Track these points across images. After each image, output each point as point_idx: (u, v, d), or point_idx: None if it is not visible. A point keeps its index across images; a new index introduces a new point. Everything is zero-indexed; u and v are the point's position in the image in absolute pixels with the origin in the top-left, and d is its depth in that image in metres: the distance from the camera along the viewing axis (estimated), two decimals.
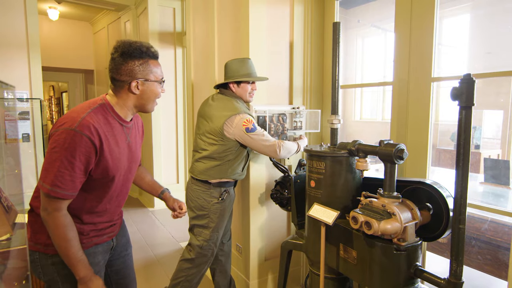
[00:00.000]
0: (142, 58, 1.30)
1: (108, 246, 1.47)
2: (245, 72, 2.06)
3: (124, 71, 1.29)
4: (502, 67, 2.02)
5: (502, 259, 2.87)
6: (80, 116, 1.21)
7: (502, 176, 3.51)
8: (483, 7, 4.48)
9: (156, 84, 1.36)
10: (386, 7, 4.51)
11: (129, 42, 1.29)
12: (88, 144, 1.20)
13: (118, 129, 1.34)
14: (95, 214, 1.37)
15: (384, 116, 6.09)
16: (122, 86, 1.31)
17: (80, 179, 1.23)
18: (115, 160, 1.32)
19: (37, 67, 3.75)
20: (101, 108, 1.29)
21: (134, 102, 1.35)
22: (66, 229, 1.22)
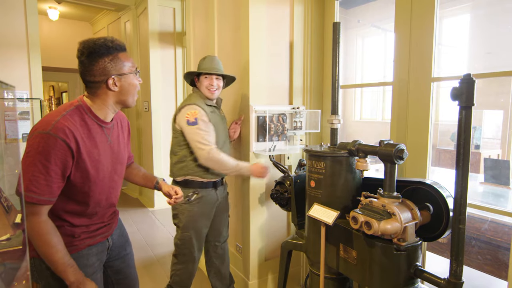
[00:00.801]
0: (111, 53, 1.26)
1: (103, 246, 1.44)
2: (203, 67, 2.09)
3: (96, 72, 1.25)
4: (502, 67, 2.03)
5: (502, 259, 2.87)
6: (54, 119, 1.17)
7: (502, 176, 3.51)
8: (483, 7, 4.48)
9: (132, 76, 1.32)
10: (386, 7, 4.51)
11: (92, 41, 1.25)
12: (64, 147, 1.16)
13: (96, 131, 1.30)
14: (85, 217, 1.34)
15: (384, 116, 6.09)
16: (98, 87, 1.27)
17: (58, 183, 1.18)
18: (95, 163, 1.28)
19: (37, 67, 3.75)
20: (77, 110, 1.26)
21: (115, 99, 1.31)
22: (48, 236, 1.18)
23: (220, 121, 2.15)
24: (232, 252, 2.76)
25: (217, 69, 2.10)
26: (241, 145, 2.50)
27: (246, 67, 2.35)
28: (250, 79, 2.32)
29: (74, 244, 1.30)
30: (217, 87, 2.09)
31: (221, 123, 2.16)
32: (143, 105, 5.08)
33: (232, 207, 2.78)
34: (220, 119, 2.17)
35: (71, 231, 1.30)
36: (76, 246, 1.31)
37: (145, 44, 4.78)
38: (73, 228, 1.31)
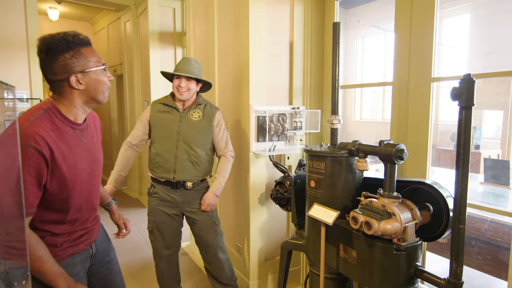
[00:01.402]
0: (72, 48, 1.16)
1: (87, 254, 1.39)
2: (175, 68, 2.14)
3: (57, 69, 1.15)
4: (502, 67, 2.03)
5: (502, 259, 2.87)
6: (23, 125, 1.08)
7: (502, 176, 3.51)
8: (483, 7, 4.48)
9: (99, 72, 1.22)
10: (386, 7, 4.51)
11: (50, 36, 1.15)
12: (36, 155, 1.08)
13: (69, 134, 1.21)
14: (67, 225, 1.27)
15: (384, 116, 6.10)
16: (61, 86, 1.18)
17: (35, 194, 1.11)
18: (71, 168, 1.20)
19: (37, 67, 3.74)
20: (47, 114, 1.16)
21: (82, 98, 1.21)
22: (34, 248, 1.13)
23: (170, 121, 2.13)
24: (232, 252, 2.76)
25: (186, 70, 2.09)
26: (241, 145, 2.50)
27: (246, 67, 2.35)
28: (250, 79, 2.32)
29: (57, 254, 1.24)
30: (186, 88, 2.09)
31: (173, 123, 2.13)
32: (143, 105, 5.08)
33: (232, 207, 2.78)
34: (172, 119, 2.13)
35: (53, 241, 1.23)
36: (59, 256, 1.25)
37: (145, 44, 4.78)
38: (55, 238, 1.24)
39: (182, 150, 2.11)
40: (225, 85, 2.72)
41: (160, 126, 2.16)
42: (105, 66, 1.26)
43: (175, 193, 2.16)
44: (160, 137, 2.15)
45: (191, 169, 2.13)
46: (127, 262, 3.19)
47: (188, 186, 2.15)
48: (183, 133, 2.12)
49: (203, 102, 2.21)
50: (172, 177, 2.13)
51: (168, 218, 2.19)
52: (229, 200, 2.80)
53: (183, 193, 2.16)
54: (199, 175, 2.16)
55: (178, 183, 2.15)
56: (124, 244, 3.55)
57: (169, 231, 2.21)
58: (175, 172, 2.12)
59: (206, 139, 2.17)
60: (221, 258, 2.26)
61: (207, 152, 2.18)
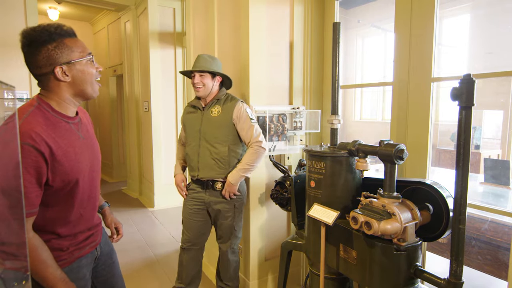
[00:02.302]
0: (54, 39, 1.12)
1: (92, 257, 1.38)
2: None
3: (40, 62, 1.12)
4: (502, 67, 2.03)
5: (502, 259, 2.87)
6: None
7: (502, 176, 3.51)
8: (483, 7, 4.48)
9: (85, 63, 1.18)
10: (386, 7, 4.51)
11: (31, 28, 1.12)
12: (33, 153, 1.05)
13: (65, 128, 1.18)
14: (71, 224, 1.25)
15: (384, 116, 6.10)
16: (48, 79, 1.15)
17: (35, 193, 1.08)
18: (73, 162, 1.17)
19: None
20: (38, 110, 1.13)
21: (70, 91, 1.18)
22: (37, 251, 1.11)
23: (195, 120, 2.19)
24: None
25: (197, 66, 2.09)
26: None
27: (246, 67, 2.35)
28: (250, 79, 2.32)
29: (63, 258, 1.23)
30: (201, 84, 2.09)
31: (196, 122, 2.17)
32: (143, 105, 5.08)
33: None
34: (196, 118, 2.18)
35: (59, 244, 1.22)
36: (65, 260, 1.24)
37: (145, 44, 4.79)
38: (60, 241, 1.23)
39: (204, 148, 2.14)
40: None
41: (188, 127, 2.24)
42: (91, 56, 1.21)
43: (204, 192, 2.19)
44: (188, 137, 2.22)
45: (213, 166, 2.13)
46: (128, 263, 3.19)
47: (218, 187, 2.16)
48: (203, 131, 2.14)
49: (223, 96, 2.18)
50: (197, 175, 2.17)
51: (194, 214, 2.25)
52: None
53: (212, 193, 2.19)
54: (223, 172, 2.13)
55: (208, 183, 2.17)
56: (125, 244, 3.56)
57: (195, 226, 2.27)
58: (199, 170, 2.16)
59: (227, 134, 2.12)
60: (230, 258, 2.30)
61: (230, 147, 2.13)
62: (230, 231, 2.24)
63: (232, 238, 2.27)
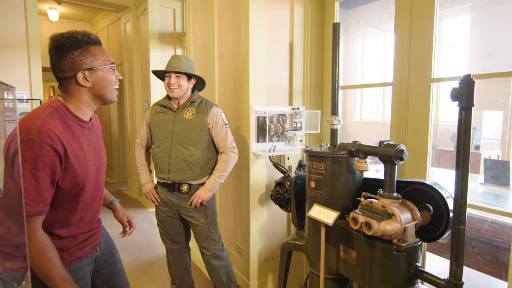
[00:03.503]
0: (80, 46, 1.18)
1: (92, 257, 1.39)
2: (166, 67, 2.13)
3: (65, 66, 1.17)
4: (502, 68, 2.03)
5: (502, 259, 2.87)
6: (35, 123, 1.08)
7: (502, 177, 3.51)
8: (482, 7, 4.49)
9: (107, 70, 1.24)
10: (386, 8, 4.51)
11: (60, 34, 1.18)
12: (51, 152, 1.07)
13: (79, 132, 1.22)
14: (72, 226, 1.27)
15: (384, 116, 6.10)
16: (69, 83, 1.20)
17: (48, 191, 1.11)
18: (83, 166, 1.21)
19: (37, 68, 3.75)
20: (57, 112, 1.17)
21: (89, 95, 1.24)
22: (46, 250, 1.12)
23: (166, 121, 2.13)
24: (232, 253, 2.76)
25: (175, 66, 2.06)
26: (241, 146, 2.50)
27: (246, 68, 2.35)
28: (250, 80, 2.32)
29: (64, 258, 1.24)
30: (177, 85, 2.06)
31: (168, 123, 2.13)
32: (143, 106, 5.08)
33: (232, 207, 2.78)
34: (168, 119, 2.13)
35: (59, 244, 1.23)
36: (66, 260, 1.25)
37: (145, 45, 4.79)
38: (61, 241, 1.24)
39: (176, 150, 2.09)
40: (225, 85, 2.72)
41: (157, 127, 2.17)
42: (113, 65, 1.28)
43: (171, 195, 2.16)
44: (158, 138, 2.15)
45: (185, 169, 2.09)
46: (128, 263, 3.19)
47: (183, 190, 2.12)
48: (176, 132, 2.09)
49: (197, 99, 2.16)
50: (167, 177, 2.12)
51: (168, 217, 2.25)
52: (229, 201, 2.80)
53: (178, 196, 2.15)
54: (194, 175, 2.11)
55: (174, 186, 2.12)
56: (125, 245, 3.55)
57: (171, 227, 2.27)
58: (169, 172, 2.10)
59: (200, 137, 2.10)
60: (214, 265, 2.23)
61: (203, 150, 2.11)
62: (206, 235, 2.19)
63: (211, 243, 2.21)
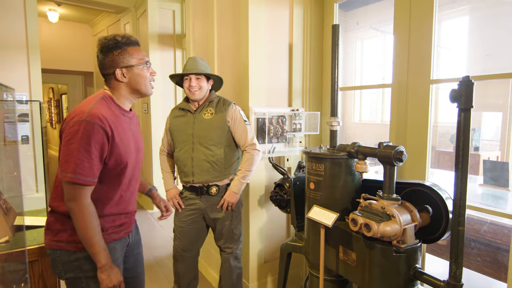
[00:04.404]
0: (120, 47, 1.37)
1: (124, 243, 1.52)
2: (184, 69, 2.12)
3: (107, 65, 1.37)
4: (501, 69, 2.03)
5: (502, 261, 2.87)
6: (88, 107, 1.29)
7: (501, 178, 3.51)
8: (481, 9, 4.50)
9: (141, 68, 1.42)
10: (385, 9, 4.52)
11: (104, 37, 1.38)
12: (100, 131, 1.27)
13: (122, 119, 1.41)
14: (113, 203, 1.42)
15: (383, 118, 6.10)
16: (110, 79, 1.40)
17: (97, 166, 1.29)
18: (126, 147, 1.39)
19: (36, 69, 3.75)
20: (104, 100, 1.37)
21: (127, 89, 1.42)
22: (91, 217, 1.29)
23: (185, 124, 2.12)
24: None
25: (195, 68, 2.06)
26: None
27: (245, 69, 2.35)
28: (249, 81, 2.32)
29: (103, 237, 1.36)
30: (198, 87, 2.06)
31: (188, 126, 2.11)
32: (142, 107, 5.08)
33: None
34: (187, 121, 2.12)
35: (101, 225, 1.36)
36: (104, 240, 1.36)
37: (145, 46, 4.79)
38: (103, 222, 1.37)
39: (199, 151, 2.07)
40: (225, 86, 2.71)
41: (177, 131, 2.15)
42: (147, 63, 1.45)
43: (200, 199, 2.13)
44: (179, 142, 2.13)
45: (209, 169, 2.07)
46: None
47: (213, 192, 2.10)
48: (197, 134, 2.08)
49: (215, 98, 2.16)
50: (191, 180, 2.09)
51: (192, 222, 2.16)
52: None
53: (207, 199, 2.12)
54: (219, 175, 2.09)
55: (203, 189, 2.10)
56: None
57: (191, 234, 2.18)
58: (194, 175, 2.09)
59: (221, 136, 2.09)
60: (232, 265, 2.23)
61: (225, 150, 2.10)
62: (229, 235, 2.19)
63: (233, 243, 2.21)
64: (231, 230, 2.19)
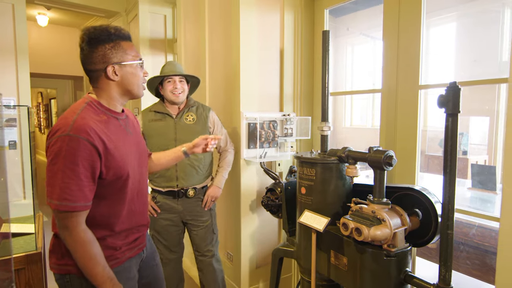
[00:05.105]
0: (112, 40, 1.20)
1: (139, 258, 1.42)
2: (163, 71, 2.13)
3: (96, 59, 1.19)
4: (488, 75, 2.08)
5: (490, 263, 2.91)
6: (71, 119, 1.10)
7: (488, 182, 3.57)
8: (468, 16, 4.60)
9: (135, 66, 1.26)
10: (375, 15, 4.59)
11: (93, 27, 1.20)
12: (88, 147, 1.09)
13: (114, 124, 1.24)
14: (123, 219, 1.28)
15: (374, 122, 6.16)
16: (98, 76, 1.22)
17: (89, 187, 1.12)
18: (124, 156, 1.22)
19: (25, 74, 3.70)
20: (90, 107, 1.19)
21: (117, 90, 1.25)
22: (88, 246, 1.13)
23: (165, 128, 2.09)
24: (223, 260, 2.74)
25: (178, 70, 2.10)
26: None
27: (236, 74, 2.36)
28: (240, 86, 2.33)
29: (117, 257, 1.27)
30: (181, 89, 2.07)
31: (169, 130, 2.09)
32: (133, 112, 5.05)
33: (223, 214, 2.76)
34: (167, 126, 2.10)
35: (113, 243, 1.25)
36: (118, 260, 1.28)
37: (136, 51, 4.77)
38: (115, 240, 1.26)
39: None
40: (216, 91, 2.72)
41: (156, 135, 2.10)
42: (142, 61, 1.30)
43: (176, 202, 2.13)
44: (158, 146, 2.07)
45: (193, 174, 2.11)
46: None
47: (190, 194, 2.12)
48: (180, 139, 2.07)
49: (194, 104, 2.18)
50: (175, 185, 2.09)
51: (168, 226, 2.16)
52: (220, 207, 2.78)
53: (184, 202, 2.13)
54: (201, 178, 2.15)
55: (180, 192, 2.11)
56: None
57: (171, 236, 2.19)
58: (178, 179, 2.08)
59: None
60: (215, 267, 2.23)
61: (207, 154, 2.16)
62: (210, 236, 2.21)
63: (213, 244, 2.23)
64: (211, 230, 2.22)
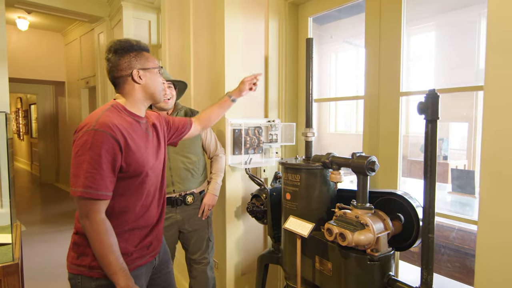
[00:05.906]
0: (135, 50, 1.36)
1: (151, 266, 1.46)
2: None
3: (122, 66, 1.34)
4: (465, 83, 2.14)
5: (470, 266, 2.98)
6: (96, 117, 1.23)
7: (467, 186, 3.67)
8: (446, 26, 4.75)
9: (156, 72, 1.41)
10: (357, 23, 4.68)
11: (117, 40, 1.36)
12: (111, 140, 1.20)
13: (136, 126, 1.35)
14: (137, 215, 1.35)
15: (358, 128, 6.26)
16: (125, 81, 1.35)
17: (110, 178, 1.21)
18: (144, 154, 1.33)
19: (3, 79, 3.60)
20: (114, 109, 1.32)
21: (142, 93, 1.38)
22: (106, 235, 1.20)
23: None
24: None
25: (166, 76, 2.09)
26: None
27: (221, 80, 2.36)
28: (225, 92, 2.32)
29: (127, 264, 1.28)
30: (170, 95, 2.07)
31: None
32: None
33: None
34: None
35: (125, 249, 1.30)
36: (128, 267, 1.28)
37: None
38: (127, 245, 1.32)
39: (176, 160, 2.05)
40: (201, 97, 2.71)
41: None
42: (161, 68, 1.45)
43: (175, 211, 2.08)
44: None
45: (189, 177, 2.08)
46: None
47: (189, 201, 2.09)
48: None
49: (182, 108, 2.17)
50: (172, 190, 2.05)
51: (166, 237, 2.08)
52: None
53: (183, 210, 2.09)
54: (197, 182, 2.13)
55: (179, 200, 2.07)
56: None
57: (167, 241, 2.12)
58: (174, 184, 2.05)
59: (196, 145, 2.14)
60: (209, 275, 2.20)
61: (200, 157, 2.15)
62: (206, 244, 2.18)
63: (209, 252, 2.21)
64: (208, 239, 2.19)
